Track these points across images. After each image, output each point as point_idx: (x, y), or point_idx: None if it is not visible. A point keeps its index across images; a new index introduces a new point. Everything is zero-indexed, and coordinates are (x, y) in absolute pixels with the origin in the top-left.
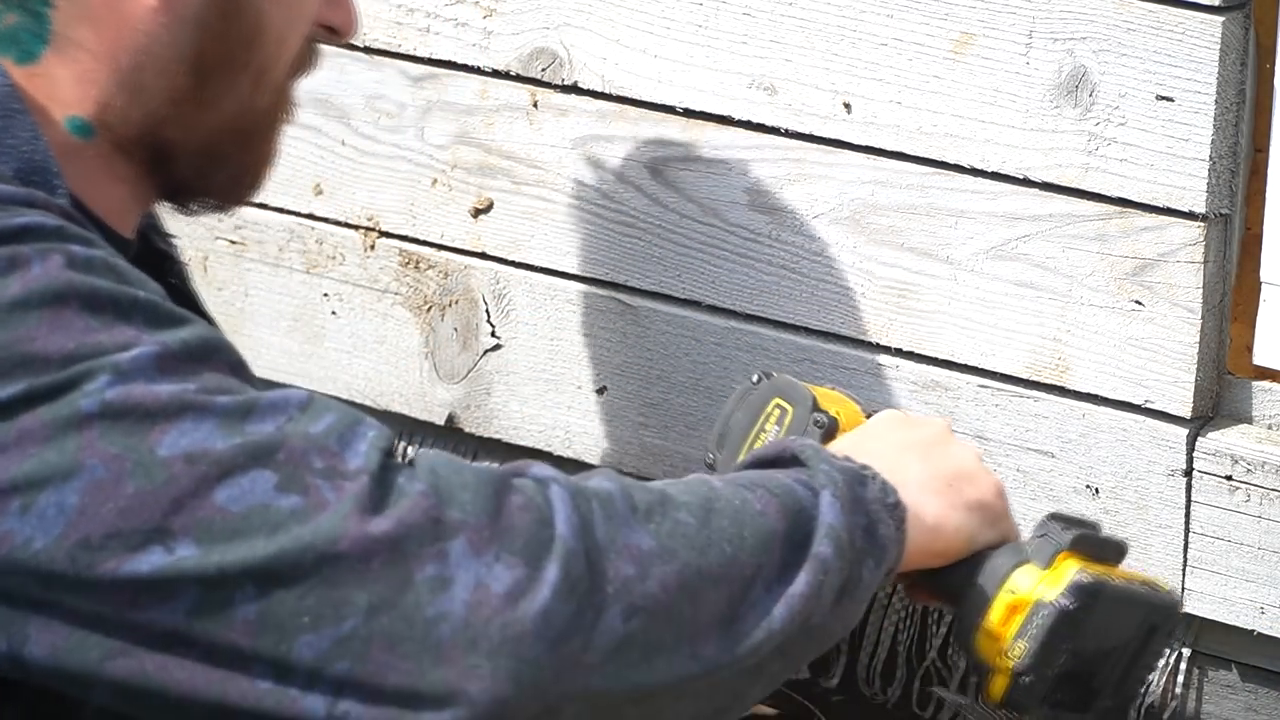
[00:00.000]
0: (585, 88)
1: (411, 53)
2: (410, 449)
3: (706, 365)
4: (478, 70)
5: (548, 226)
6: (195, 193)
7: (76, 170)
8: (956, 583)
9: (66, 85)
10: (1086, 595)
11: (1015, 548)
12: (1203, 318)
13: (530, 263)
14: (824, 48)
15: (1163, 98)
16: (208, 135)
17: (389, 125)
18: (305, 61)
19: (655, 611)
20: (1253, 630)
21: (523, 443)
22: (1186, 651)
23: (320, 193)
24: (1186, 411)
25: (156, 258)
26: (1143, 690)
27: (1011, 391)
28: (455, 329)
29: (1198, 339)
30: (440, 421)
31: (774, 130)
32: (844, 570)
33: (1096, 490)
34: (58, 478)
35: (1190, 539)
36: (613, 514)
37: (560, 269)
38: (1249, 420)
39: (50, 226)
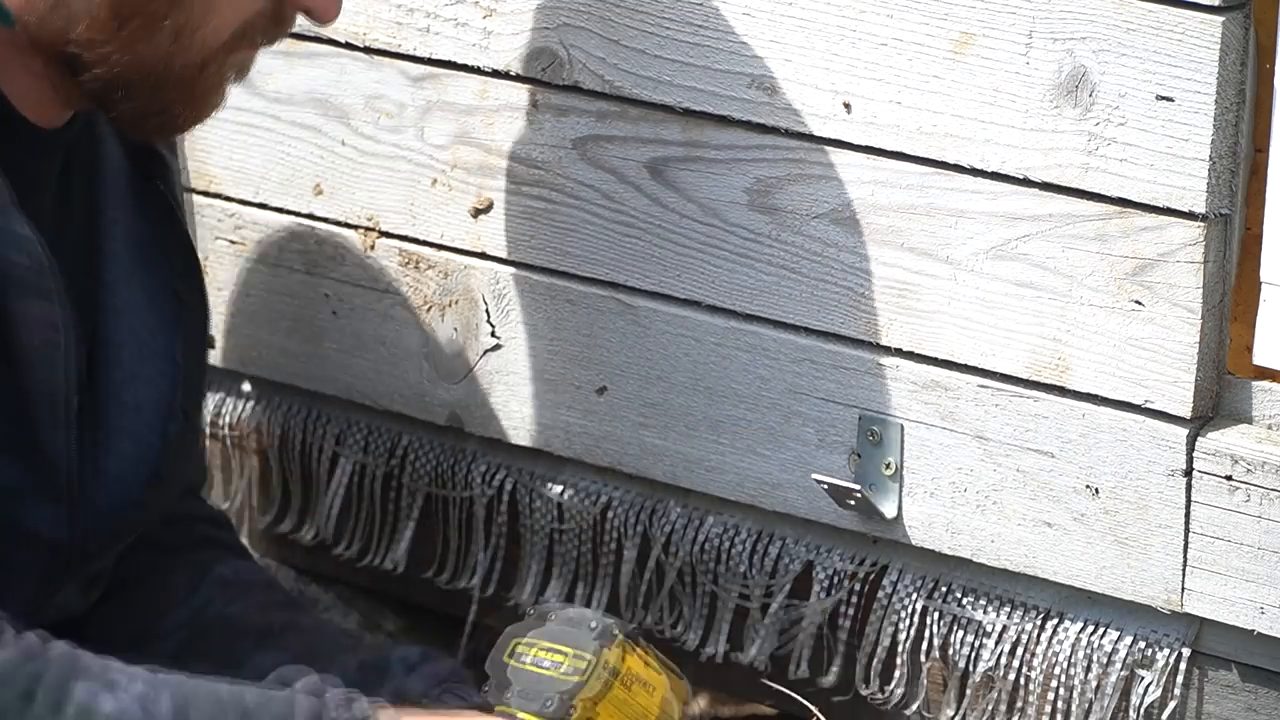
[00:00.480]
0: (585, 88)
1: (411, 53)
2: (411, 449)
3: (706, 365)
4: (478, 70)
5: (548, 226)
6: (105, 110)
7: None
8: None
9: None
10: None
11: None
12: (1203, 318)
13: (530, 263)
14: (824, 48)
15: (1163, 98)
16: (118, 70)
17: (389, 125)
18: (266, 33)
19: None
20: (1253, 630)
21: (523, 442)
22: (1186, 651)
23: (320, 193)
24: (1186, 411)
25: (147, 157)
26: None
27: (1011, 391)
28: (455, 329)
29: (1198, 339)
30: (440, 421)
31: (774, 130)
32: None
33: (1096, 490)
34: None
35: (1190, 539)
36: None
37: (560, 269)
38: (1249, 420)
39: None
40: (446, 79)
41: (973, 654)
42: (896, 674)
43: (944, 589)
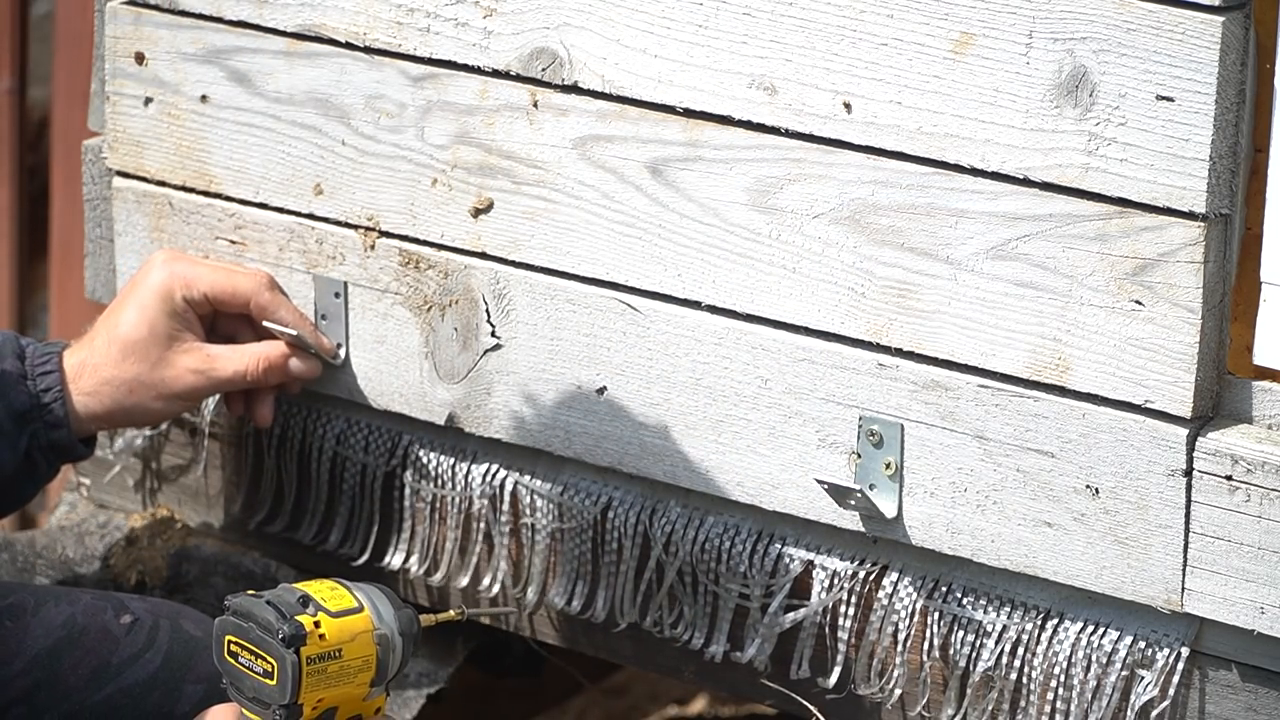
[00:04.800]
0: (585, 88)
1: (412, 53)
2: (411, 449)
3: (706, 365)
4: (478, 70)
5: (548, 226)
6: None
7: None
8: None
9: None
10: None
11: None
12: (1203, 318)
13: (530, 263)
14: (824, 48)
15: (1163, 98)
16: None
17: (389, 125)
18: None
19: None
20: (1253, 630)
21: (523, 442)
22: (1186, 651)
23: (320, 193)
24: (1186, 411)
25: None
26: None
27: (1011, 391)
28: (455, 329)
29: (1198, 339)
30: (440, 421)
31: (774, 130)
32: None
33: (1096, 490)
34: None
35: (1190, 539)
36: None
37: (560, 269)
38: (1249, 420)
39: None
40: (446, 79)
41: (973, 654)
42: (896, 674)
43: (944, 589)
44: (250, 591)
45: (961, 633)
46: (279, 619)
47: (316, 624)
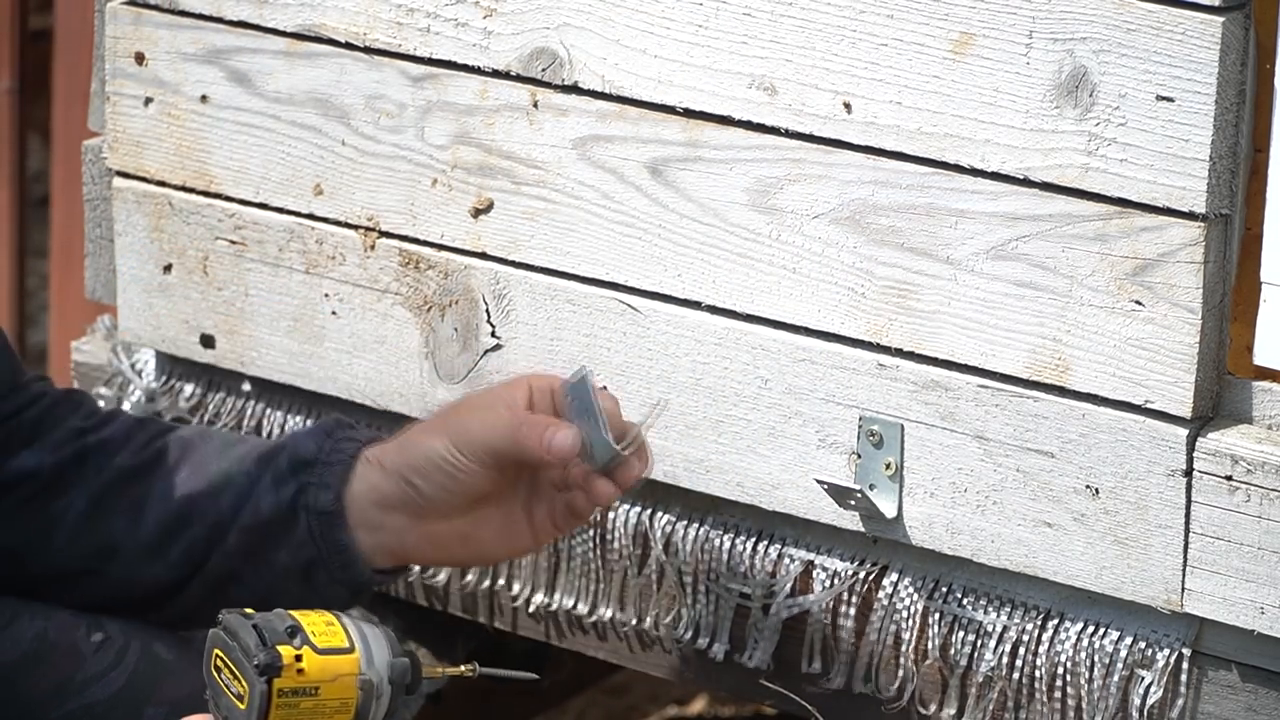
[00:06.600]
0: (585, 88)
1: (411, 53)
2: None
3: (706, 365)
4: (478, 70)
5: (548, 226)
6: None
7: None
8: None
9: None
10: None
11: None
12: (1203, 318)
13: (530, 263)
14: (824, 48)
15: (1163, 98)
16: None
17: (389, 125)
18: None
19: None
20: (1253, 630)
21: None
22: (1187, 651)
23: (320, 193)
24: (1186, 412)
25: None
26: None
27: (1011, 391)
28: (455, 329)
29: (1198, 339)
30: None
31: (774, 130)
32: None
33: (1096, 490)
34: None
35: (1190, 539)
36: None
37: (560, 269)
38: (1249, 420)
39: None
40: (446, 79)
41: (973, 654)
42: (897, 674)
43: (944, 589)
44: (247, 609)
45: (962, 633)
46: (258, 646)
47: (298, 657)
